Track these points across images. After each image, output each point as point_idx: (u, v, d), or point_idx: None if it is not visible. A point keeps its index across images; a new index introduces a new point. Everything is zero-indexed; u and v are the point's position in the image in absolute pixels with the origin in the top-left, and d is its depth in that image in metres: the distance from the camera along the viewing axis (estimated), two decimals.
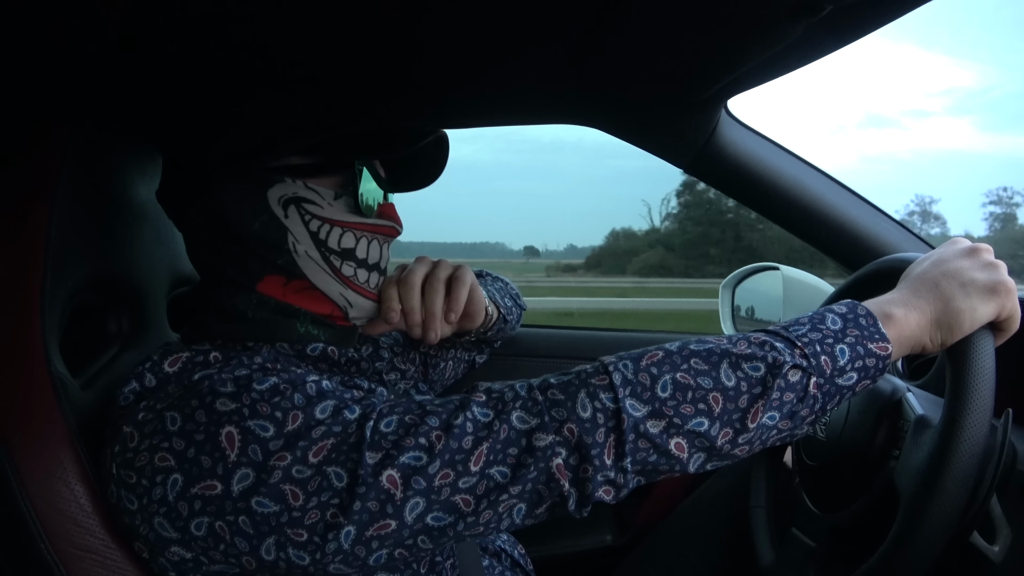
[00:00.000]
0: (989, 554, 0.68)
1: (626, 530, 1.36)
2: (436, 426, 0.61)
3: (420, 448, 0.60)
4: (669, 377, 0.62)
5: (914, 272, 0.71)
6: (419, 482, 0.59)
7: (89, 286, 0.78)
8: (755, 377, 0.62)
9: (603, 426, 0.60)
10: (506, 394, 0.64)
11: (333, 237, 0.75)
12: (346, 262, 0.76)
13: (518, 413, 0.62)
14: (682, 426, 0.61)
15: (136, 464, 0.62)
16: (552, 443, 0.60)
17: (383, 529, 0.60)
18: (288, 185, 0.73)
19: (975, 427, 0.63)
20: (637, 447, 0.61)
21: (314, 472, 0.59)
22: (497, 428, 0.61)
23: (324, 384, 0.66)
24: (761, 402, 0.61)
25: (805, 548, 0.86)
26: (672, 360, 0.63)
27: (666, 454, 0.61)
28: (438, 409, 0.63)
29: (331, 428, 0.61)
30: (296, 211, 0.73)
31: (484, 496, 0.60)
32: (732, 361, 0.63)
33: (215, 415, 0.61)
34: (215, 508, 0.60)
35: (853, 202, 1.20)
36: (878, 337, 0.65)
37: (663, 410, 0.61)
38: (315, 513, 0.59)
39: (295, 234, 0.73)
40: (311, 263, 0.74)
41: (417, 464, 0.60)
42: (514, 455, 0.61)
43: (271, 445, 0.60)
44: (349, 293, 0.77)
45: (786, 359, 0.62)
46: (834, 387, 0.64)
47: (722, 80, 0.91)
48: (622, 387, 0.61)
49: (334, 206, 0.75)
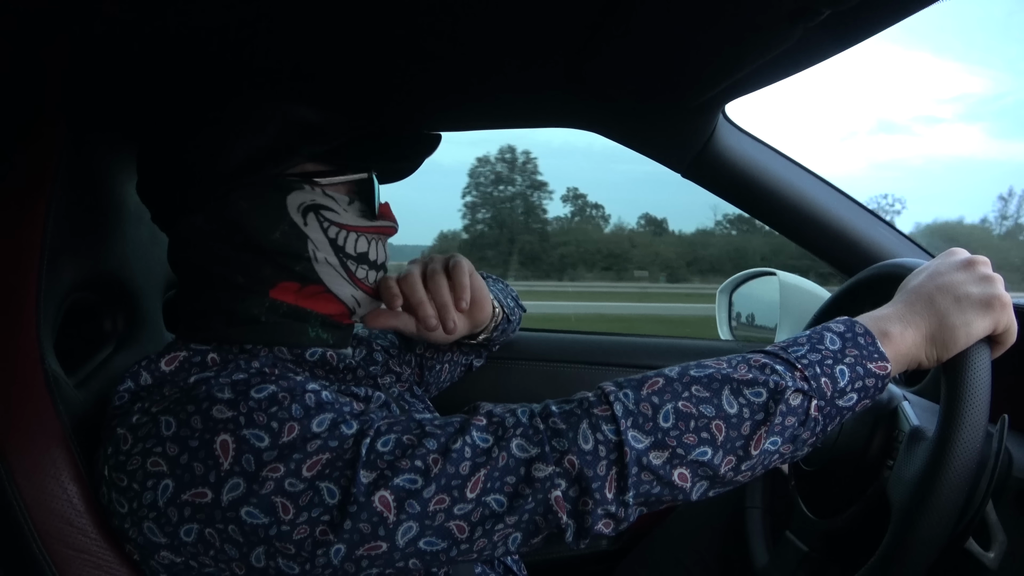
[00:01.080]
0: (985, 560, 0.68)
1: (622, 535, 1.36)
2: (434, 449, 0.60)
3: (416, 471, 0.59)
4: (671, 406, 0.61)
5: (910, 285, 0.71)
6: (413, 506, 0.58)
7: (84, 285, 0.77)
8: (757, 403, 0.61)
9: (604, 459, 0.59)
10: (507, 420, 0.63)
11: (350, 243, 0.76)
12: (360, 265, 0.77)
13: (518, 441, 0.61)
14: (685, 456, 0.60)
15: (128, 467, 0.62)
16: (552, 474, 0.59)
17: (374, 550, 0.59)
18: (307, 192, 0.73)
19: (968, 443, 0.63)
20: (640, 480, 0.60)
21: (307, 486, 0.59)
22: (496, 455, 0.60)
23: (324, 395, 0.65)
24: (764, 428, 0.61)
25: (798, 552, 0.86)
26: (673, 388, 0.62)
27: (669, 485, 0.61)
28: (437, 431, 0.62)
29: (327, 443, 0.60)
30: (315, 218, 0.74)
31: (479, 524, 0.60)
32: (734, 387, 0.62)
33: (211, 422, 0.60)
34: (205, 516, 0.59)
35: (850, 208, 1.21)
36: (877, 356, 0.64)
37: (666, 441, 0.60)
38: (304, 528, 0.58)
39: (315, 241, 0.74)
40: (329, 269, 0.75)
41: (412, 487, 0.59)
42: (512, 484, 0.60)
43: (265, 456, 0.59)
44: (358, 293, 0.78)
45: (787, 383, 0.62)
46: (835, 408, 0.63)
47: (720, 85, 0.92)
48: (624, 418, 0.60)
49: (349, 211, 0.76)
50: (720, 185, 1.19)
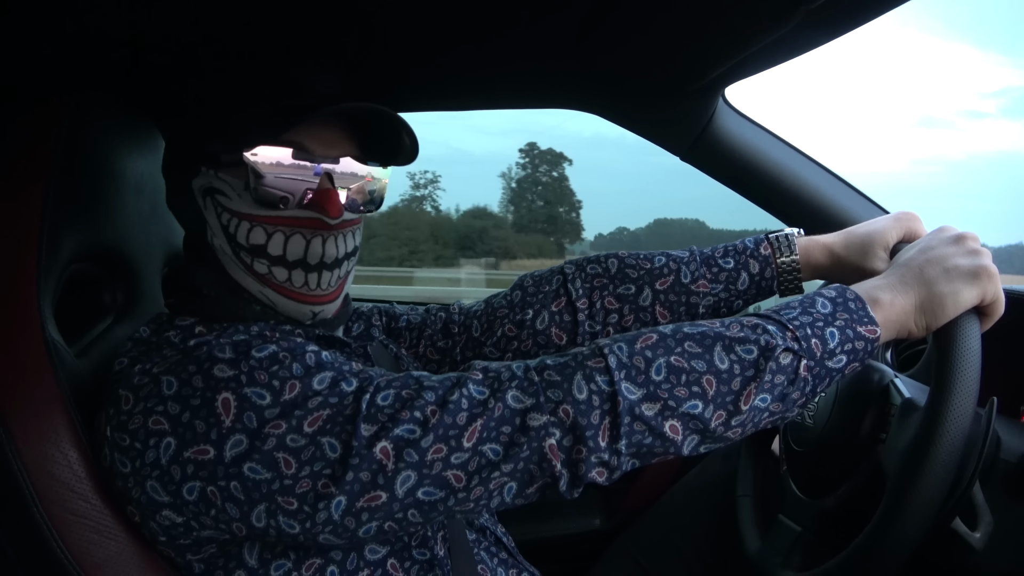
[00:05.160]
0: (971, 540, 0.69)
1: (614, 514, 1.37)
2: (432, 401, 0.61)
3: (414, 422, 0.60)
4: (663, 360, 0.63)
5: (902, 258, 0.73)
6: (411, 455, 0.60)
7: (84, 256, 0.78)
8: (748, 360, 0.63)
9: (598, 408, 0.61)
10: (502, 373, 0.64)
11: (241, 231, 0.71)
12: (257, 259, 0.72)
13: (513, 392, 0.62)
14: (676, 409, 0.62)
15: (130, 427, 0.63)
16: (546, 424, 0.61)
17: (373, 501, 0.60)
18: (204, 175, 0.72)
19: (961, 405, 0.64)
20: (632, 429, 0.61)
21: (308, 441, 0.60)
22: (492, 406, 0.61)
23: (324, 355, 0.66)
24: (754, 384, 0.62)
25: (792, 533, 0.87)
26: (666, 343, 0.64)
27: (661, 436, 0.62)
28: (435, 385, 0.63)
29: (327, 399, 0.61)
30: (212, 203, 0.72)
31: (476, 473, 0.61)
32: (725, 344, 0.64)
33: (212, 381, 0.61)
34: (207, 473, 0.60)
35: (849, 195, 1.21)
36: (867, 320, 0.66)
37: (658, 393, 0.62)
38: (307, 482, 0.60)
39: (212, 227, 0.73)
40: (227, 258, 0.73)
41: (410, 437, 0.60)
42: (507, 433, 0.61)
43: (267, 413, 0.60)
44: (268, 291, 0.73)
45: (778, 342, 0.63)
46: (824, 369, 0.65)
47: (720, 67, 0.92)
48: (617, 370, 0.62)
49: (243, 197, 0.70)
50: (720, 169, 1.19)
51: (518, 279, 0.96)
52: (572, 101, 1.15)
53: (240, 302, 0.74)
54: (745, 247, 0.89)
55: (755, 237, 0.90)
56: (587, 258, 0.93)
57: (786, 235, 0.88)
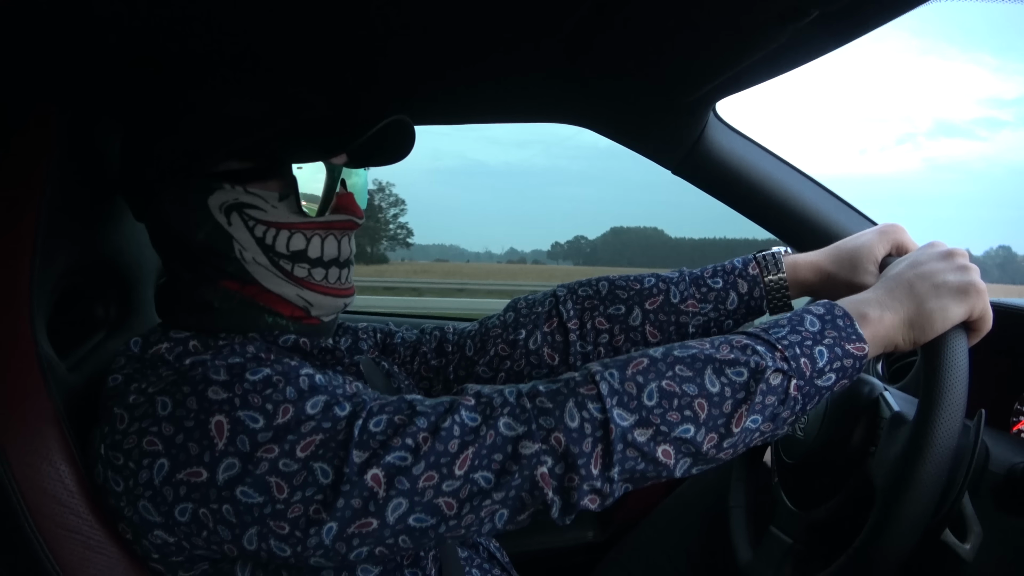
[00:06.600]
0: (961, 552, 0.70)
1: (608, 527, 1.37)
2: (423, 427, 0.61)
3: (406, 448, 0.60)
4: (655, 385, 0.63)
5: (891, 273, 0.73)
6: (403, 482, 0.60)
7: (77, 270, 0.78)
8: (738, 382, 0.63)
9: (590, 436, 0.61)
10: (495, 399, 0.64)
11: (281, 240, 0.73)
12: (297, 264, 0.74)
13: (505, 419, 0.62)
14: (669, 434, 0.62)
15: (124, 446, 0.62)
16: (538, 452, 0.61)
17: (364, 527, 0.60)
18: (228, 192, 0.72)
19: (949, 420, 0.64)
20: (625, 456, 0.61)
21: (300, 466, 0.60)
22: (484, 433, 0.61)
23: (317, 378, 0.66)
24: (745, 407, 0.63)
25: (783, 545, 0.87)
26: (657, 367, 0.64)
27: (653, 461, 0.62)
28: (427, 410, 0.63)
29: (320, 424, 0.61)
30: (239, 218, 0.72)
31: (467, 500, 0.61)
32: (716, 367, 0.64)
33: (206, 403, 0.61)
34: (200, 495, 0.60)
35: (841, 209, 1.22)
36: (855, 338, 0.66)
37: (650, 418, 0.62)
38: (298, 507, 0.59)
39: (240, 241, 0.72)
40: (261, 269, 0.73)
41: (402, 464, 0.60)
42: (499, 461, 0.61)
43: (260, 437, 0.60)
44: (307, 293, 0.75)
45: (768, 363, 0.63)
46: (813, 388, 0.65)
47: (710, 82, 0.92)
48: (609, 397, 0.62)
49: (279, 208, 0.73)
50: (710, 183, 1.20)
51: (511, 301, 0.98)
52: (564, 115, 1.16)
53: (251, 312, 0.74)
54: (734, 267, 0.89)
55: (743, 257, 0.90)
56: (578, 282, 0.95)
57: (773, 254, 0.89)
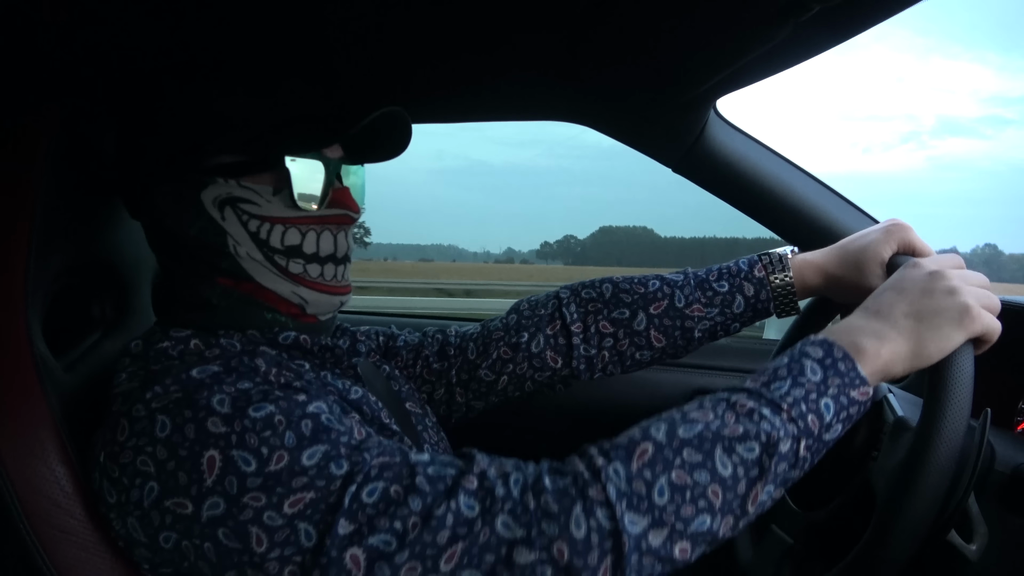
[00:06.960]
0: (966, 552, 0.69)
1: None
2: (416, 511, 0.58)
3: (393, 533, 0.57)
4: (665, 479, 0.58)
5: (882, 300, 0.69)
6: (383, 569, 0.57)
7: (73, 270, 0.77)
8: (750, 459, 0.59)
9: (597, 548, 0.56)
10: (498, 490, 0.59)
11: (275, 235, 0.72)
12: (292, 260, 0.73)
13: (504, 517, 0.57)
14: (685, 531, 0.58)
15: (121, 460, 0.61)
16: (536, 562, 0.56)
17: None
18: (221, 186, 0.71)
19: (950, 436, 0.63)
20: (641, 565, 0.57)
21: (285, 523, 0.57)
22: (478, 529, 0.57)
23: (323, 419, 0.63)
24: (760, 484, 0.60)
25: (783, 545, 0.87)
26: (664, 455, 0.59)
27: (670, 561, 0.58)
28: (425, 488, 0.59)
29: (314, 481, 0.58)
30: (233, 212, 0.71)
31: None
32: (726, 445, 0.60)
33: (203, 434, 0.59)
34: (184, 527, 0.59)
35: (842, 207, 1.21)
36: (859, 382, 0.63)
37: (663, 518, 0.57)
38: (275, 565, 0.57)
39: (234, 236, 0.71)
40: (255, 264, 0.72)
41: (385, 550, 0.57)
42: (490, 563, 0.57)
43: (249, 482, 0.58)
44: (302, 290, 0.74)
45: (779, 433, 0.60)
46: (821, 444, 0.62)
47: (709, 80, 0.92)
48: (618, 501, 0.57)
49: (273, 203, 0.72)
50: (711, 180, 1.20)
51: (514, 304, 0.96)
52: (563, 113, 1.15)
53: (250, 309, 0.74)
54: (739, 269, 0.88)
55: (749, 258, 0.89)
56: (582, 283, 0.93)
57: (779, 255, 0.87)
